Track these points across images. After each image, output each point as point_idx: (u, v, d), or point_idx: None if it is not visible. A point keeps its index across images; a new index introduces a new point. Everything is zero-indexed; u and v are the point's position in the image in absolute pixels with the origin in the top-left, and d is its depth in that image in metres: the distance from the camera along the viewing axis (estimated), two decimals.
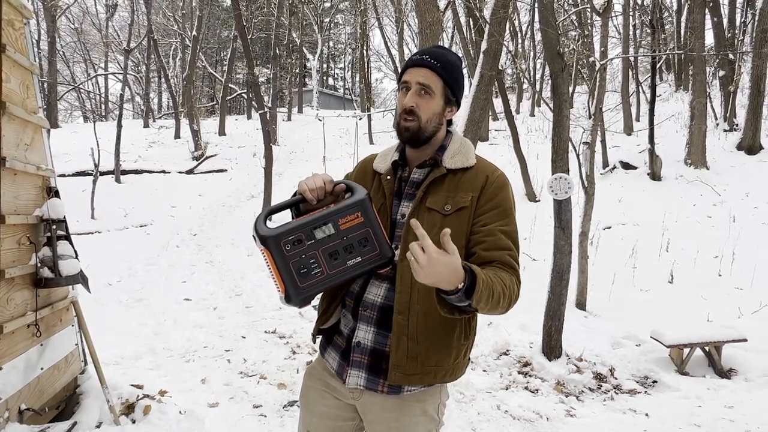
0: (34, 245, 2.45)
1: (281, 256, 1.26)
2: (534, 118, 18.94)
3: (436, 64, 1.40)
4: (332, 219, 1.31)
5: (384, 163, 1.54)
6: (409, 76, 1.42)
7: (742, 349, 4.61)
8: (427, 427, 1.48)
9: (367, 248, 1.32)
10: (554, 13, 5.22)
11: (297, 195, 1.39)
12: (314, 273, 1.28)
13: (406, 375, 1.38)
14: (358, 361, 1.44)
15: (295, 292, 1.27)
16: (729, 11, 16.44)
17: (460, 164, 1.45)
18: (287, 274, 1.26)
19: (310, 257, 1.28)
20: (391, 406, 1.45)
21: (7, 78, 2.30)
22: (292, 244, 1.27)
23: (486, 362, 4.43)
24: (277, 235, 1.27)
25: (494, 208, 1.40)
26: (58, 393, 2.67)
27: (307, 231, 1.29)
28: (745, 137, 12.60)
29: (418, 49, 1.46)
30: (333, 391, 1.53)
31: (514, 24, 20.54)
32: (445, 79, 1.42)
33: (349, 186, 1.40)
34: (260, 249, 1.30)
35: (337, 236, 1.30)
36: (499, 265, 1.34)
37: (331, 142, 16.65)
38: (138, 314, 5.65)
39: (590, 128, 6.78)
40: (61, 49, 27.40)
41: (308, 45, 30.69)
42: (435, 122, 1.44)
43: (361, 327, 1.44)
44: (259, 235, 1.28)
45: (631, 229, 9.50)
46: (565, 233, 4.51)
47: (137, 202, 12.23)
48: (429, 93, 1.41)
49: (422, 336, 1.38)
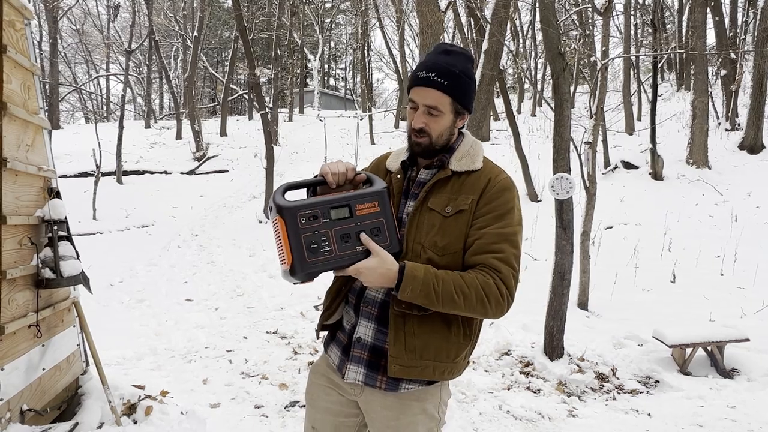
0: (35, 246, 2.45)
1: (295, 227, 1.27)
2: (535, 118, 18.93)
3: (443, 83, 1.37)
4: (350, 203, 1.33)
5: (395, 162, 1.57)
6: (417, 97, 1.40)
7: (744, 349, 4.60)
8: (428, 426, 1.48)
9: (378, 238, 1.34)
10: (555, 13, 5.21)
11: (318, 177, 1.40)
12: (323, 251, 1.29)
13: (405, 367, 1.38)
14: (358, 357, 1.46)
15: (301, 265, 1.27)
16: (731, 10, 16.43)
17: (466, 167, 1.45)
18: (297, 247, 1.27)
19: (322, 235, 1.29)
20: (390, 405, 1.46)
21: (8, 79, 2.30)
22: (307, 218, 1.29)
23: (488, 362, 4.43)
24: (295, 207, 1.29)
25: (492, 210, 1.39)
26: (59, 394, 2.67)
27: (324, 209, 1.31)
28: (747, 137, 12.58)
29: (424, 60, 1.43)
30: (336, 387, 1.55)
31: (515, 24, 20.53)
32: (454, 96, 1.39)
33: (369, 177, 1.43)
34: (273, 220, 1.32)
35: (351, 220, 1.32)
36: (482, 269, 1.34)
37: (332, 143, 16.66)
38: (139, 315, 5.66)
39: (592, 128, 6.78)
40: (63, 50, 27.47)
41: (309, 45, 30.72)
42: (446, 135, 1.45)
43: (362, 323, 1.46)
44: (276, 205, 1.29)
45: (632, 228, 9.48)
46: (567, 233, 4.51)
47: (139, 202, 12.25)
48: (437, 114, 1.40)
49: (419, 329, 1.39)
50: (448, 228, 1.39)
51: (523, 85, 23.87)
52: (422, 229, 1.40)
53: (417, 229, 1.41)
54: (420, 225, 1.41)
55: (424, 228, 1.40)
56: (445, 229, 1.39)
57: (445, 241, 1.38)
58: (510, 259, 1.36)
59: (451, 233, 1.39)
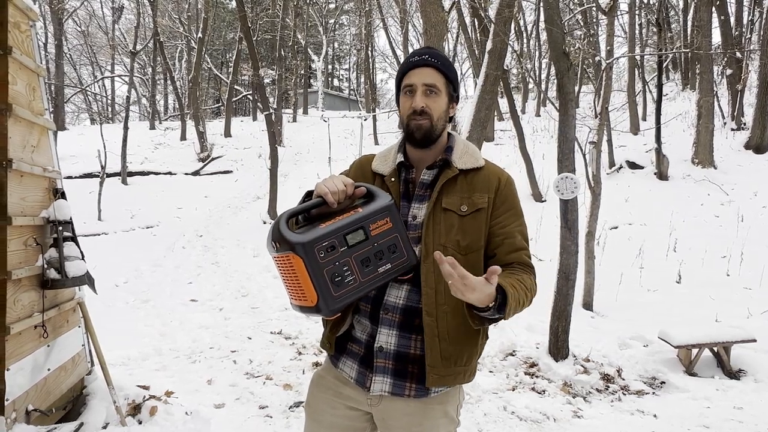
0: (40, 246, 2.46)
1: (315, 263, 1.17)
2: (539, 117, 18.88)
3: (437, 62, 1.42)
4: (363, 225, 1.26)
5: (385, 165, 1.51)
6: (414, 78, 1.42)
7: (751, 350, 4.57)
8: (448, 429, 1.48)
9: (396, 254, 1.28)
10: (560, 12, 5.20)
11: (315, 197, 1.29)
12: (348, 281, 1.20)
13: (442, 377, 1.38)
14: (383, 366, 1.40)
15: (328, 302, 1.17)
16: (736, 9, 16.35)
17: (470, 165, 1.45)
18: (322, 284, 1.17)
19: (344, 264, 1.20)
20: (413, 410, 1.43)
21: (14, 80, 2.31)
22: (326, 250, 1.19)
23: (492, 363, 4.41)
24: (310, 241, 1.17)
25: (510, 209, 1.44)
26: (64, 394, 2.68)
27: (340, 237, 1.21)
28: (753, 136, 12.51)
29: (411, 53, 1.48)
30: (346, 400, 1.48)
31: (519, 23, 20.51)
32: (447, 76, 1.44)
33: (369, 190, 1.35)
34: (279, 257, 1.22)
35: (368, 242, 1.25)
36: (518, 266, 1.40)
37: (336, 143, 16.68)
38: (144, 315, 5.67)
39: (596, 128, 6.75)
40: (68, 51, 27.59)
41: (313, 46, 30.74)
42: (443, 120, 1.46)
43: (383, 331, 1.41)
44: (287, 242, 1.17)
45: (638, 229, 9.44)
46: (572, 233, 4.49)
47: (143, 203, 12.29)
48: (436, 92, 1.42)
49: (452, 336, 1.38)
50: (467, 227, 1.39)
51: (528, 85, 23.82)
52: (441, 231, 1.39)
53: (435, 231, 1.39)
54: (438, 226, 1.39)
55: (442, 229, 1.39)
56: (464, 228, 1.39)
57: (467, 240, 1.39)
58: (530, 254, 1.46)
59: (472, 232, 1.39)
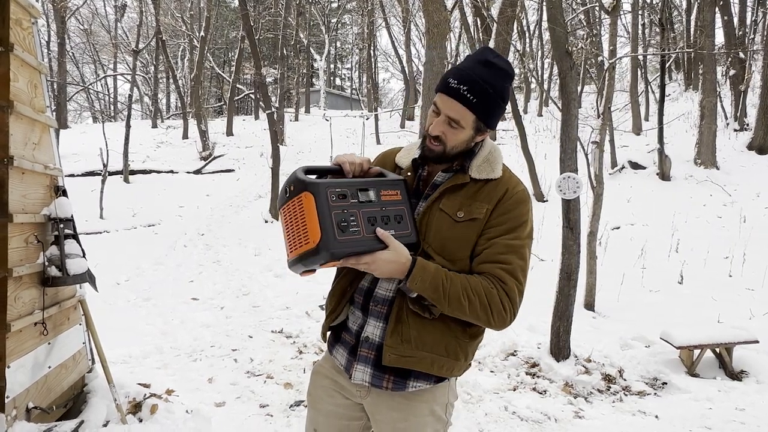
0: (41, 244, 2.46)
1: (325, 204, 1.24)
2: (542, 117, 18.86)
3: (472, 100, 1.32)
4: (375, 187, 1.33)
5: (406, 159, 1.53)
6: (441, 105, 1.35)
7: (753, 351, 4.55)
8: (435, 427, 1.47)
9: (401, 225, 1.33)
10: (563, 12, 5.18)
11: (334, 165, 1.40)
12: (352, 230, 1.26)
13: (400, 356, 1.36)
14: (365, 356, 1.43)
15: (329, 243, 1.22)
16: (739, 10, 16.29)
17: (485, 175, 1.41)
18: (327, 224, 1.23)
19: (351, 214, 1.27)
20: (398, 406, 1.44)
21: (15, 77, 2.31)
22: (337, 196, 1.27)
23: (493, 363, 4.41)
24: (324, 184, 1.27)
25: (505, 222, 1.37)
26: (65, 391, 2.68)
27: (353, 190, 1.30)
28: (756, 137, 12.48)
29: (461, 65, 1.37)
30: (341, 389, 1.52)
31: (521, 23, 20.47)
32: (479, 114, 1.35)
33: (382, 172, 1.44)
34: (289, 204, 1.29)
35: (377, 204, 1.32)
36: (488, 277, 1.33)
37: (338, 143, 16.67)
38: (145, 313, 5.68)
39: (599, 128, 6.74)
40: (71, 50, 27.64)
41: (315, 45, 30.76)
42: (461, 147, 1.41)
43: (371, 322, 1.43)
44: (302, 182, 1.27)
45: (640, 229, 9.42)
46: (574, 233, 4.48)
47: (145, 201, 12.29)
48: (457, 127, 1.36)
49: (413, 319, 1.37)
50: (457, 233, 1.37)
51: (530, 84, 23.78)
52: (430, 230, 1.38)
53: (426, 229, 1.39)
54: (429, 225, 1.39)
55: (432, 229, 1.38)
56: (454, 234, 1.37)
57: (453, 245, 1.37)
58: (516, 271, 1.34)
59: (460, 239, 1.37)
